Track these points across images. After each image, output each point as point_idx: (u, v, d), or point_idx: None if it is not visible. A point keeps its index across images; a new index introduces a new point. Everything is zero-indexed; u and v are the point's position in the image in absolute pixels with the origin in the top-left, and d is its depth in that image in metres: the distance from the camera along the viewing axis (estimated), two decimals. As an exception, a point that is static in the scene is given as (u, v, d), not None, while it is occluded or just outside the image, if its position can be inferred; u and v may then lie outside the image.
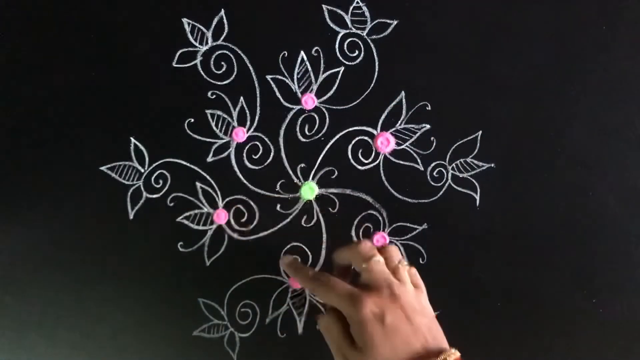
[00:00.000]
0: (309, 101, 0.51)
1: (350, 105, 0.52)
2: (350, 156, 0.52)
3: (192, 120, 0.52)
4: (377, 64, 0.51)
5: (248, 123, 0.52)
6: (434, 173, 0.52)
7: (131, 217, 0.52)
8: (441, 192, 0.51)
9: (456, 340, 0.52)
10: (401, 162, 0.52)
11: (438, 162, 0.51)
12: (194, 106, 0.52)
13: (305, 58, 0.51)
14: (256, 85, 0.52)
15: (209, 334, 0.52)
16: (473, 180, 0.51)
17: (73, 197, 0.52)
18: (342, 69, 0.51)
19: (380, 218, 0.52)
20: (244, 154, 0.52)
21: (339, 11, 0.51)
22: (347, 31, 0.51)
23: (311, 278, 0.42)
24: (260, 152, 0.52)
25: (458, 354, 0.37)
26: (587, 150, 0.51)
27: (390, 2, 0.51)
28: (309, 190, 0.52)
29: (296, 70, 0.52)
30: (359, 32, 0.51)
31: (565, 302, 0.51)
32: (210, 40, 0.51)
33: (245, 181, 0.52)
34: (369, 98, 0.51)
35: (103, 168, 0.52)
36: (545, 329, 0.49)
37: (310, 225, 0.52)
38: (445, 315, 0.51)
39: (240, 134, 0.52)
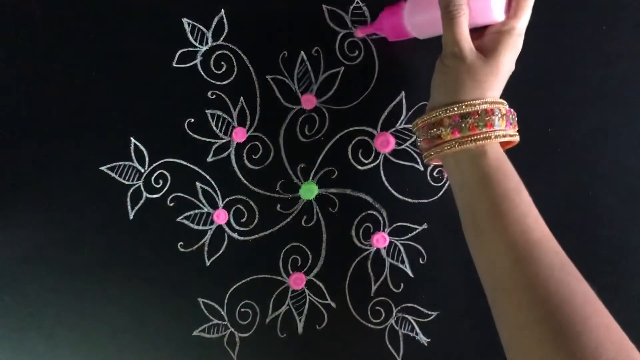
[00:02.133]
0: (309, 101, 0.51)
1: (350, 105, 0.52)
2: (350, 156, 0.52)
3: (192, 120, 0.52)
4: (377, 64, 0.51)
5: (248, 123, 0.52)
6: (434, 173, 0.52)
7: (131, 217, 0.52)
8: (441, 192, 0.51)
9: (456, 340, 0.52)
10: (401, 162, 0.52)
11: (438, 162, 0.51)
12: (194, 106, 0.52)
13: (305, 58, 0.51)
14: (256, 85, 0.52)
15: (209, 334, 0.52)
16: (473, 180, 0.51)
17: (73, 197, 0.52)
18: (342, 69, 0.51)
19: (380, 218, 0.52)
20: (244, 154, 0.52)
21: (339, 11, 0.51)
22: (347, 31, 0.51)
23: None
24: (260, 152, 0.52)
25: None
26: (587, 150, 0.51)
27: (390, 2, 0.51)
28: (309, 190, 0.52)
29: (296, 70, 0.52)
30: (359, 32, 0.51)
31: (565, 302, 0.51)
32: (210, 40, 0.51)
33: (245, 181, 0.52)
34: (369, 98, 0.51)
35: (103, 168, 0.52)
36: (545, 329, 0.49)
37: (310, 225, 0.52)
38: (446, 315, 0.51)
39: (240, 134, 0.52)
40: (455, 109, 0.40)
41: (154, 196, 0.52)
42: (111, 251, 0.52)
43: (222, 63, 0.52)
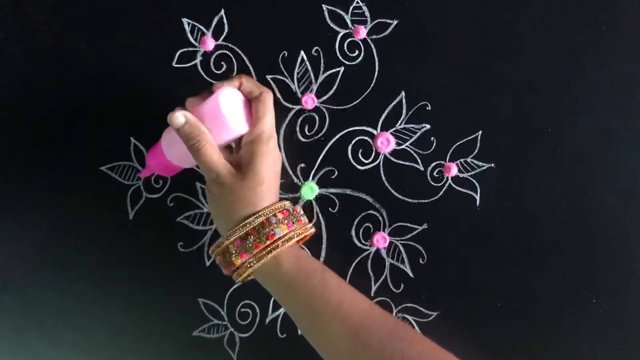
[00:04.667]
0: (309, 101, 0.51)
1: (350, 105, 0.52)
2: (350, 156, 0.52)
3: (192, 120, 0.52)
4: (377, 64, 0.51)
5: (248, 123, 0.52)
6: (434, 173, 0.52)
7: (131, 217, 0.52)
8: (441, 192, 0.51)
9: (456, 340, 0.52)
10: (401, 162, 0.52)
11: (438, 162, 0.51)
12: (194, 106, 0.52)
13: (305, 58, 0.51)
14: (256, 85, 0.52)
15: (209, 334, 0.52)
16: (473, 180, 0.51)
17: (73, 197, 0.52)
18: (342, 69, 0.51)
19: (380, 218, 0.52)
20: (244, 154, 0.52)
21: (339, 11, 0.51)
22: (347, 31, 0.51)
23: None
24: (260, 152, 0.52)
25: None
26: (587, 150, 0.51)
27: (390, 2, 0.51)
28: (309, 190, 0.52)
29: (296, 70, 0.52)
30: (359, 31, 0.51)
31: (566, 302, 0.51)
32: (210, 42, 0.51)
33: (245, 181, 0.52)
34: (369, 98, 0.51)
35: (103, 168, 0.52)
36: (545, 329, 0.49)
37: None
38: (446, 315, 0.51)
39: (240, 134, 0.52)
40: (234, 234, 0.40)
41: (154, 196, 0.52)
42: (111, 251, 0.52)
43: (222, 63, 0.52)
